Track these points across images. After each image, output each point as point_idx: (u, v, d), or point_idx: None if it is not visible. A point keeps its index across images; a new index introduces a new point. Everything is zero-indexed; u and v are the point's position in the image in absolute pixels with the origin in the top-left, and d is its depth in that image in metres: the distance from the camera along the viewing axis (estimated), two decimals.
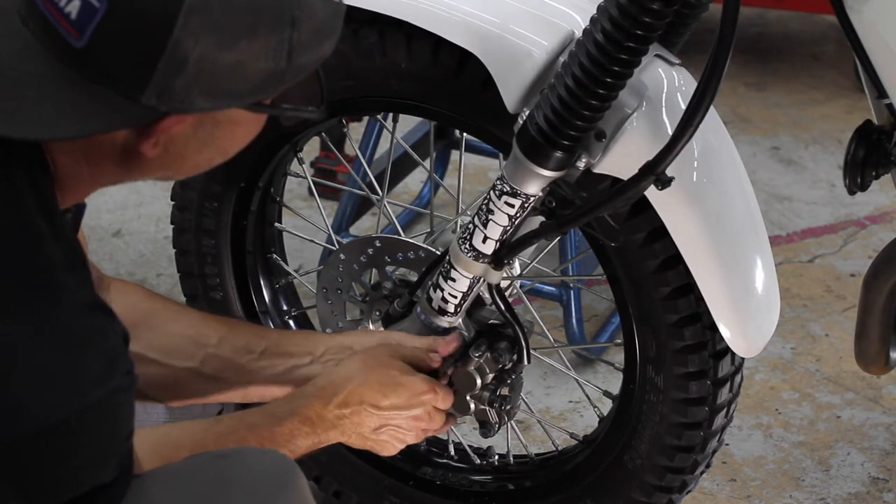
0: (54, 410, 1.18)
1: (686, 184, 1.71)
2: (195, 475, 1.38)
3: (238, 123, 1.31)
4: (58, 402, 1.19)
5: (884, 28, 1.65)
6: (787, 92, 3.99)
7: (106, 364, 1.22)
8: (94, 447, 1.23)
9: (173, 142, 1.28)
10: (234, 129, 1.32)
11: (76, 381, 1.20)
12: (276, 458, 1.44)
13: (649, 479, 1.90)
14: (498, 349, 1.83)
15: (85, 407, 1.20)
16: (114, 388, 1.22)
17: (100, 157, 1.28)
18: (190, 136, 1.28)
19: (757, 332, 1.79)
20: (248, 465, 1.40)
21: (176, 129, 1.26)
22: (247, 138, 1.34)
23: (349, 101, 1.91)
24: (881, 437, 2.48)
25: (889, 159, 1.80)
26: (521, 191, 1.71)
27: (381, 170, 2.67)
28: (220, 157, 1.35)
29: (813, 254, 3.10)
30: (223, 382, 1.74)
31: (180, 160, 1.31)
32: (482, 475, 2.09)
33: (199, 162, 1.33)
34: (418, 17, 1.76)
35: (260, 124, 1.34)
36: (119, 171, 1.30)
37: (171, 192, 2.09)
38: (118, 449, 1.26)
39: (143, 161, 1.28)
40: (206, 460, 1.41)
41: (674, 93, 1.71)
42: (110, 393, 1.22)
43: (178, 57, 1.19)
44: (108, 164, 1.29)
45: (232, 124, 1.30)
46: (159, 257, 2.98)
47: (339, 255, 1.97)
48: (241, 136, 1.33)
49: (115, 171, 1.30)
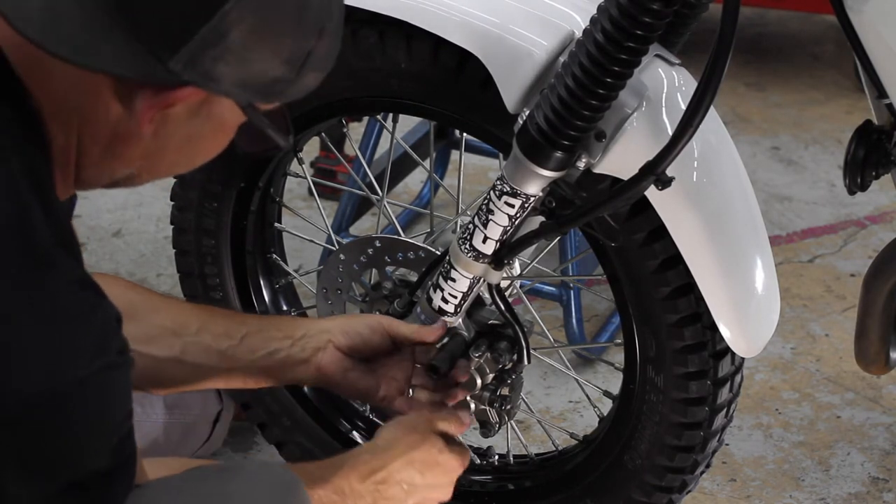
0: (45, 382, 1.17)
1: (686, 184, 1.71)
2: (196, 488, 1.38)
3: (222, 127, 1.31)
4: (49, 374, 1.17)
5: (884, 28, 1.65)
6: (787, 92, 3.99)
7: (98, 340, 1.21)
8: (87, 424, 1.21)
9: (165, 125, 1.27)
10: (216, 133, 1.31)
11: (67, 354, 1.19)
12: (277, 472, 1.44)
13: (649, 479, 1.90)
14: (498, 349, 1.84)
15: (76, 380, 1.19)
16: (106, 364, 1.21)
17: (91, 135, 1.26)
18: (183, 122, 1.27)
19: (757, 332, 1.79)
20: (249, 478, 1.40)
21: (178, 107, 1.25)
22: (217, 149, 1.34)
23: (349, 101, 1.91)
24: (881, 437, 2.48)
25: (889, 159, 1.80)
26: (521, 191, 1.71)
27: (381, 170, 2.67)
28: (187, 164, 1.34)
29: (813, 254, 3.10)
30: (205, 369, 1.74)
31: (161, 153, 1.30)
32: (482, 475, 2.09)
33: (174, 162, 1.32)
34: (418, 17, 1.76)
35: (227, 140, 1.33)
36: (103, 159, 1.29)
37: (171, 193, 2.09)
38: (113, 430, 1.25)
39: (129, 145, 1.27)
40: (208, 474, 1.41)
41: (674, 93, 1.71)
42: (103, 368, 1.21)
43: (220, 30, 1.19)
44: (96, 149, 1.28)
45: (218, 125, 1.30)
46: (159, 257, 2.98)
47: (339, 255, 1.97)
48: (216, 143, 1.33)
49: (99, 157, 1.28)
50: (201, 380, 1.76)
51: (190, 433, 2.24)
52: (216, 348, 1.74)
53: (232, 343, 1.75)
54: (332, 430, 2.14)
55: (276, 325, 1.81)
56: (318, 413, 2.14)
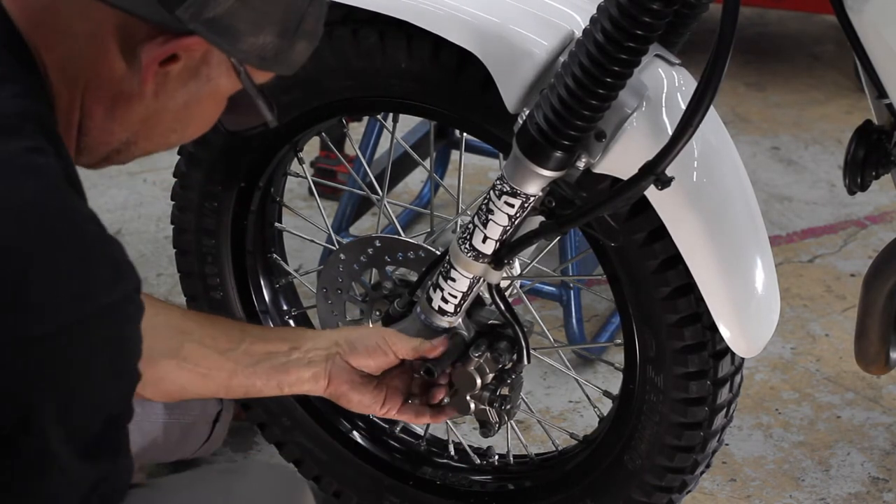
0: (71, 310, 1.16)
1: (686, 184, 1.71)
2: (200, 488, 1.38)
3: (216, 94, 1.33)
4: (77, 299, 1.16)
5: (884, 28, 1.65)
6: (787, 92, 3.99)
7: (116, 270, 1.20)
8: (111, 356, 1.20)
9: (166, 85, 1.29)
10: (211, 100, 1.34)
11: (92, 280, 1.18)
12: (282, 473, 1.44)
13: (649, 479, 1.90)
14: (498, 349, 1.84)
15: (100, 307, 1.18)
16: (124, 297, 1.20)
17: (95, 95, 1.28)
18: (182, 83, 1.30)
19: (757, 332, 1.79)
20: (253, 480, 1.40)
21: (179, 65, 1.27)
22: (209, 118, 1.36)
23: (349, 101, 1.91)
24: (881, 437, 2.48)
25: (889, 159, 1.80)
26: (521, 191, 1.71)
27: (381, 170, 2.68)
28: (181, 133, 1.36)
29: (813, 254, 3.11)
30: (205, 375, 1.73)
31: (159, 116, 1.32)
32: (482, 475, 2.09)
33: (169, 128, 1.34)
34: (418, 17, 1.76)
35: (219, 110, 1.36)
36: (104, 121, 1.30)
37: (171, 193, 2.09)
38: (133, 371, 1.24)
39: (131, 105, 1.29)
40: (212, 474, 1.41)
41: (674, 93, 1.71)
42: (121, 301, 1.20)
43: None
44: (99, 109, 1.29)
45: (213, 91, 1.32)
46: (159, 257, 2.98)
47: (339, 255, 1.97)
48: (209, 111, 1.35)
49: (101, 119, 1.30)
50: (201, 386, 1.74)
51: (190, 433, 2.24)
52: (216, 355, 1.73)
53: (232, 350, 1.74)
54: (332, 430, 2.14)
55: (279, 334, 1.81)
56: (318, 413, 2.14)
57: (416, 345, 1.79)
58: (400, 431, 2.15)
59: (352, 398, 1.77)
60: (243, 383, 1.74)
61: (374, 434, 2.15)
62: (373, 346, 1.77)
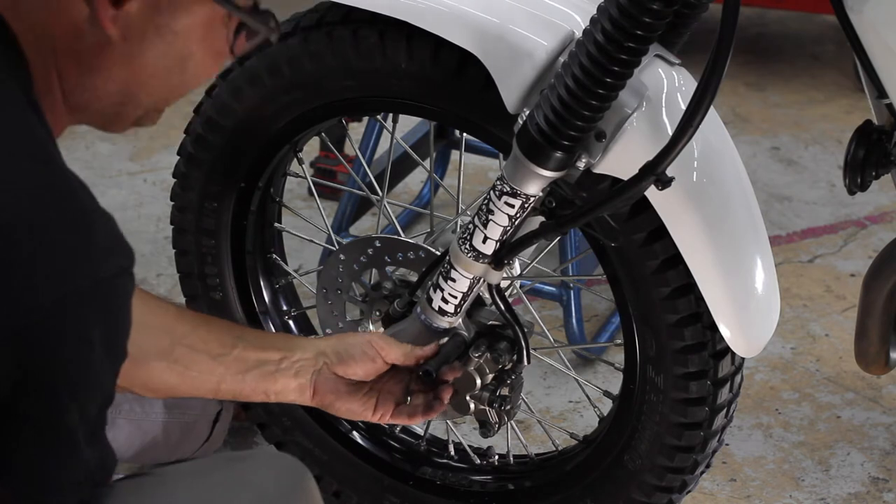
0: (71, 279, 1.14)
1: (686, 184, 1.71)
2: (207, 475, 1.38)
3: (194, 22, 1.27)
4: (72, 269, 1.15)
5: (884, 28, 1.66)
6: (787, 92, 3.99)
7: (111, 240, 1.19)
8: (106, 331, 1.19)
9: (129, 25, 1.24)
10: (193, 30, 1.28)
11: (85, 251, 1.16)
12: (287, 462, 1.44)
13: (649, 479, 1.90)
14: (498, 349, 1.84)
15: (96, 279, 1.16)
16: (120, 268, 1.19)
17: (65, 52, 1.25)
18: (148, 18, 1.25)
19: (757, 332, 1.79)
20: (260, 468, 1.40)
21: (134, 2, 1.23)
22: (199, 50, 1.30)
23: (349, 101, 1.91)
24: (881, 437, 2.48)
25: (889, 159, 1.80)
26: (521, 191, 1.71)
27: (381, 170, 2.67)
28: (180, 76, 1.31)
29: (813, 254, 3.10)
30: (195, 378, 1.72)
31: (139, 58, 1.27)
32: (482, 475, 2.09)
33: (164, 68, 1.29)
34: (418, 17, 1.76)
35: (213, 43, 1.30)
36: (81, 75, 1.27)
37: (171, 193, 2.09)
38: (123, 349, 1.23)
39: (102, 53, 1.25)
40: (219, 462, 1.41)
41: (674, 93, 1.71)
42: (117, 272, 1.18)
43: None
44: (72, 65, 1.26)
45: (191, 22, 1.27)
46: (159, 257, 2.98)
47: (339, 255, 1.97)
48: (199, 45, 1.29)
49: (77, 74, 1.27)
50: (190, 387, 1.73)
51: (190, 433, 2.24)
52: (207, 358, 1.73)
53: (224, 354, 1.74)
54: (332, 430, 2.14)
55: (272, 341, 1.80)
56: (318, 413, 2.14)
57: (407, 350, 1.78)
58: (400, 432, 2.15)
59: (339, 407, 1.77)
60: (232, 389, 1.74)
61: (374, 434, 2.15)
62: (359, 355, 1.75)
